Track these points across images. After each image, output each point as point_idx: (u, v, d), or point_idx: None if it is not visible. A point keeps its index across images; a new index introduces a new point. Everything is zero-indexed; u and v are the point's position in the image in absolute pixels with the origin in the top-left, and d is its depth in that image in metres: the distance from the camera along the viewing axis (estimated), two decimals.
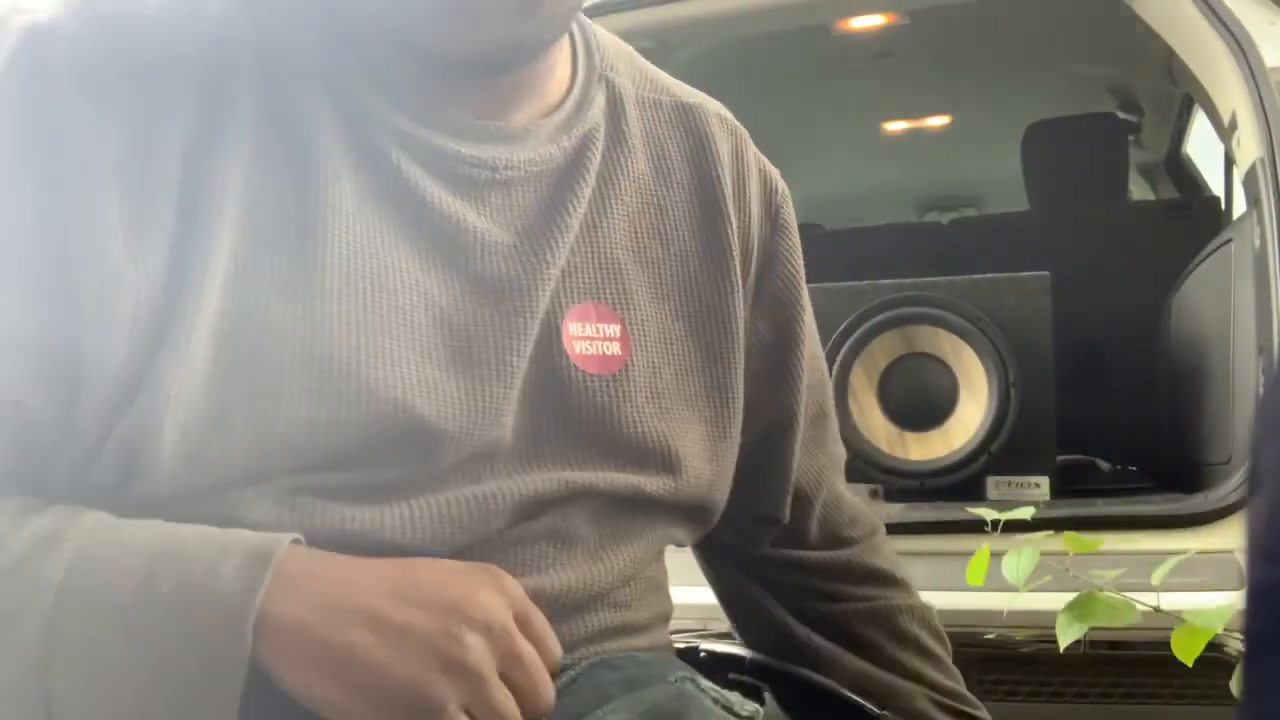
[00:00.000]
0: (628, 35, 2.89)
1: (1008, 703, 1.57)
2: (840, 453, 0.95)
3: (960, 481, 1.96)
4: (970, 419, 2.01)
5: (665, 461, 0.73)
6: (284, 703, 0.57)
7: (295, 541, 0.59)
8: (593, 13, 2.44)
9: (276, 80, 0.63)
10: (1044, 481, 1.95)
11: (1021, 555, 1.09)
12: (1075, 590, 1.38)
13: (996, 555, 1.64)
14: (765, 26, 2.68)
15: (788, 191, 0.89)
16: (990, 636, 1.57)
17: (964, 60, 3.22)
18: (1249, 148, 1.75)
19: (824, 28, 2.84)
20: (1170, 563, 1.09)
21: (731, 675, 0.87)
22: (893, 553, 0.96)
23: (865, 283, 2.11)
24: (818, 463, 0.90)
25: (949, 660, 0.94)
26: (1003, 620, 1.56)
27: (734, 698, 0.73)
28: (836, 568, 0.92)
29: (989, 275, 2.06)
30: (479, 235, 0.67)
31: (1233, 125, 1.87)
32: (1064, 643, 1.06)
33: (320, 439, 0.60)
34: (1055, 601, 1.54)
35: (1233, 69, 1.81)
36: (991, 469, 1.95)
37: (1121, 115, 3.21)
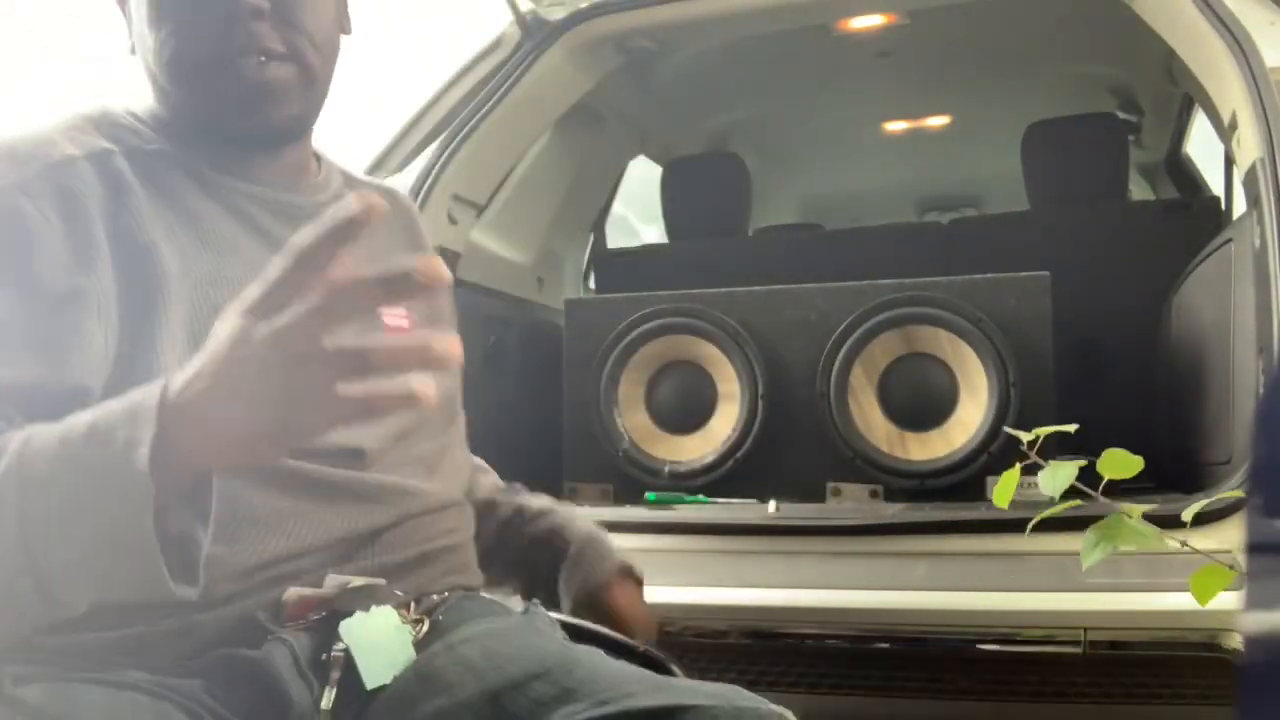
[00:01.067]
0: (628, 35, 2.91)
1: (1008, 703, 1.57)
2: None
3: (960, 481, 1.96)
4: (970, 419, 2.01)
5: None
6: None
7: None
8: (593, 13, 2.45)
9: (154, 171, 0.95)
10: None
11: (1059, 470, 1.07)
12: (1076, 590, 1.39)
13: (996, 556, 1.65)
14: (765, 26, 2.68)
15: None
16: (990, 636, 1.57)
17: (964, 60, 3.23)
18: (1249, 148, 1.75)
19: (824, 28, 2.84)
20: (1200, 504, 1.07)
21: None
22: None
23: (865, 283, 2.11)
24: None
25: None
26: (1002, 620, 1.57)
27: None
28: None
29: (989, 275, 2.06)
30: None
31: (1233, 125, 1.87)
32: (1087, 563, 1.03)
33: None
34: (1056, 602, 1.54)
35: (1233, 69, 1.81)
36: (991, 469, 1.95)
37: (1121, 115, 3.21)
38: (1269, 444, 0.59)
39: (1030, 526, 1.12)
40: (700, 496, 2.08)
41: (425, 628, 0.93)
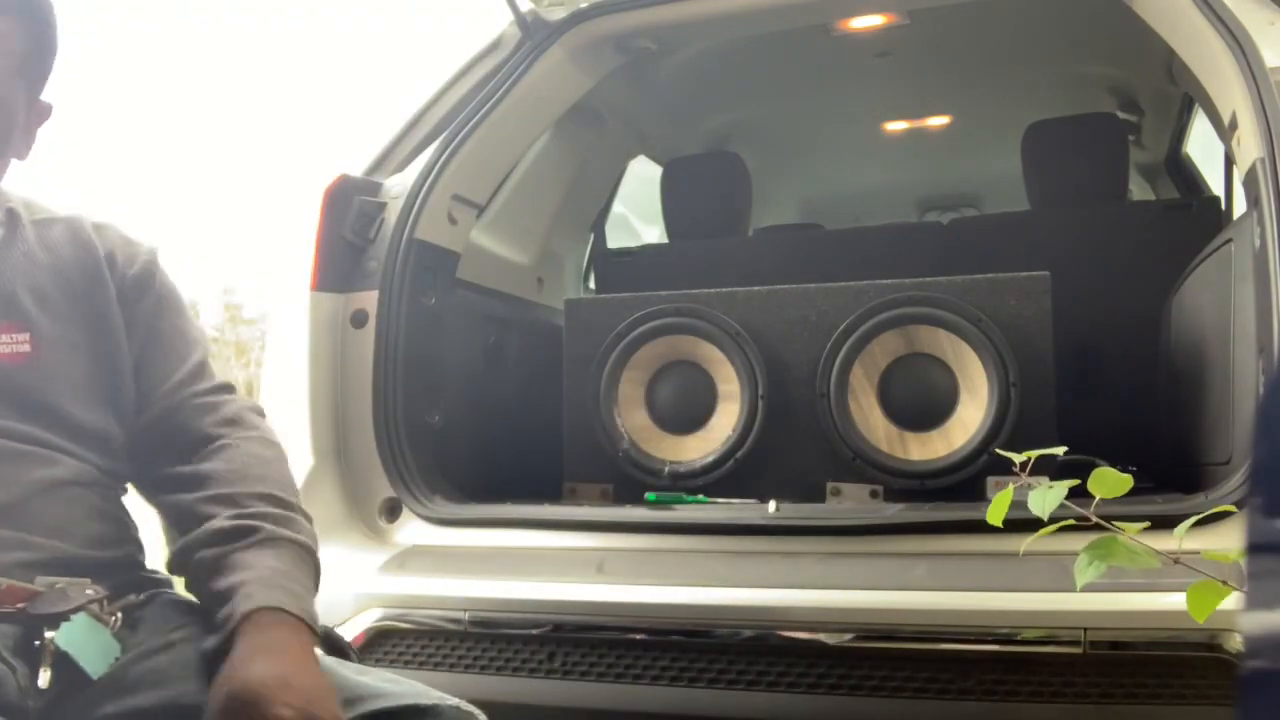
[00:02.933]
0: (628, 35, 2.91)
1: (1008, 703, 1.57)
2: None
3: (960, 481, 1.96)
4: (970, 419, 2.01)
5: (72, 431, 1.11)
6: None
7: None
8: (593, 13, 2.45)
9: None
10: (1044, 481, 1.95)
11: (1047, 493, 1.07)
12: (1075, 590, 1.38)
13: (996, 556, 1.65)
14: (765, 26, 2.68)
15: (156, 265, 1.25)
16: (990, 636, 1.57)
17: (964, 60, 3.23)
18: (1249, 148, 1.75)
19: (824, 28, 2.84)
20: (1190, 521, 1.08)
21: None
22: None
23: (865, 283, 2.11)
24: None
25: None
26: (1002, 620, 1.57)
27: None
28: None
29: (989, 275, 2.06)
30: None
31: (1233, 125, 1.87)
32: (1081, 582, 1.04)
33: None
34: (1056, 602, 1.54)
35: (1233, 69, 1.81)
36: (991, 469, 1.95)
37: (1121, 115, 3.21)
38: (1269, 444, 0.59)
39: (1024, 547, 1.12)
40: (700, 497, 2.08)
41: (118, 621, 1.04)
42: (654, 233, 4.04)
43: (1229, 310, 1.80)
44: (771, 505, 1.89)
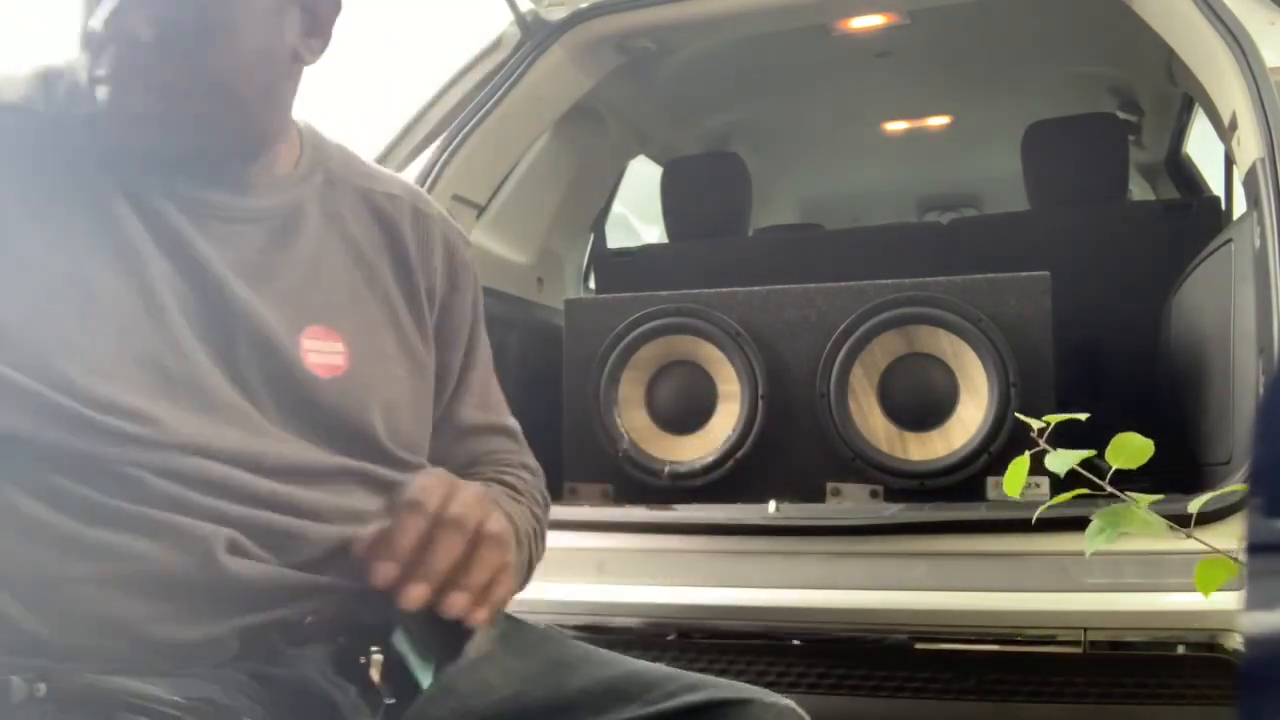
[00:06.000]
0: (628, 35, 2.91)
1: (1008, 703, 1.57)
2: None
3: (960, 481, 1.96)
4: (970, 419, 2.01)
5: (386, 433, 1.00)
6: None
7: None
8: (593, 13, 2.45)
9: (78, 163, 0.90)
10: (1044, 481, 1.95)
11: (1065, 455, 1.07)
12: (1076, 590, 1.39)
13: (996, 556, 1.65)
14: (765, 26, 2.68)
15: (468, 257, 1.14)
16: (991, 636, 1.57)
17: (964, 60, 3.23)
18: (1249, 148, 1.75)
19: (824, 28, 2.84)
20: (1206, 497, 1.08)
21: None
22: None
23: (865, 283, 2.11)
24: None
25: None
26: (1003, 620, 1.57)
27: None
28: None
29: (989, 275, 2.06)
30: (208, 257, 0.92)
31: (1233, 125, 1.87)
32: (1090, 549, 1.04)
33: None
34: (1056, 602, 1.54)
35: (1233, 69, 1.81)
36: (991, 469, 1.95)
37: (1121, 115, 3.21)
38: (1269, 444, 0.59)
39: (1037, 515, 1.12)
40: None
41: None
42: (654, 233, 4.04)
43: (1229, 310, 1.80)
44: (771, 505, 1.89)
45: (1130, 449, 1.05)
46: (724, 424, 2.17)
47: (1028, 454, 1.11)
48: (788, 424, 2.12)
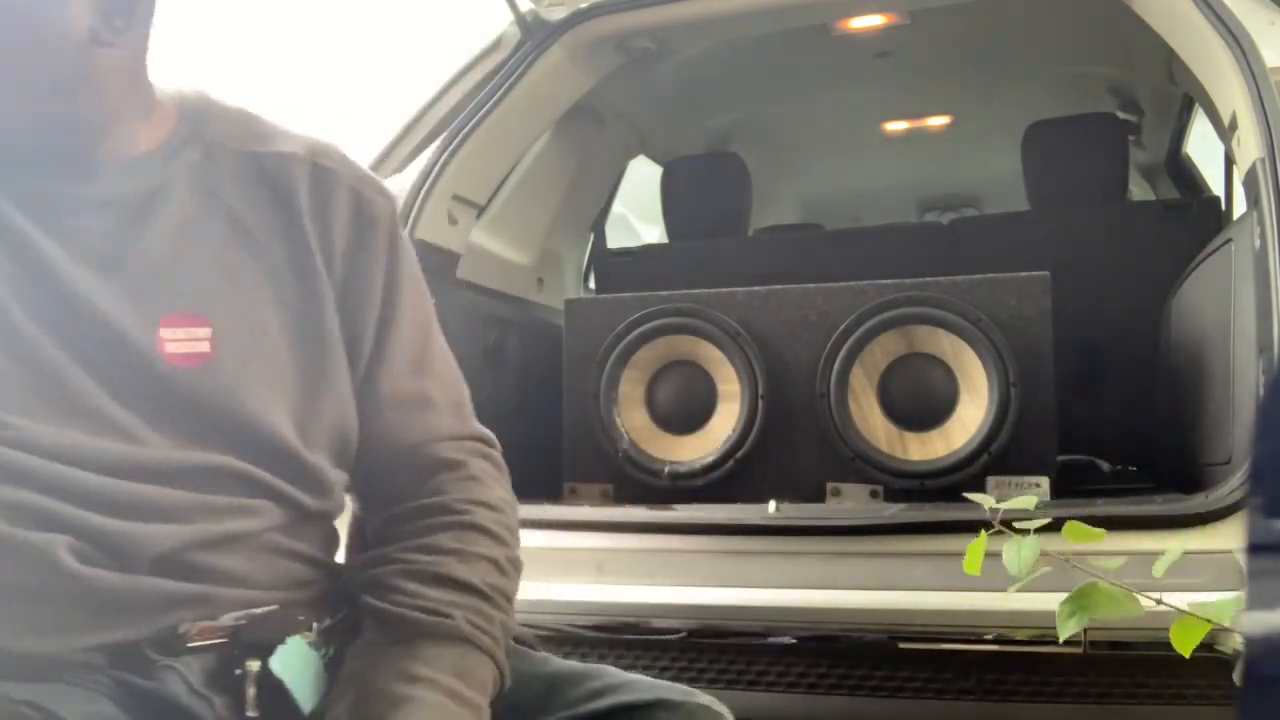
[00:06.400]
0: (628, 35, 2.91)
1: (1008, 703, 1.57)
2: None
3: (960, 481, 1.96)
4: (970, 419, 2.01)
5: (269, 415, 0.92)
6: None
7: None
8: (593, 13, 2.45)
9: None
10: (1044, 481, 1.95)
11: (1022, 546, 1.09)
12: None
13: (998, 556, 1.65)
14: (765, 26, 2.68)
15: (383, 214, 1.01)
16: (990, 636, 1.57)
17: (964, 60, 3.23)
18: (1249, 148, 1.75)
19: (824, 28, 2.84)
20: (1170, 555, 1.09)
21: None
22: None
23: (865, 283, 2.11)
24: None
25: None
26: (1002, 620, 1.57)
27: None
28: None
29: (989, 275, 2.06)
30: (49, 252, 0.87)
31: (1233, 125, 1.87)
32: (1064, 634, 1.06)
33: None
34: (1056, 601, 1.54)
35: (1233, 69, 1.81)
36: (991, 469, 1.95)
37: (1121, 115, 3.21)
38: (1269, 444, 0.59)
39: (1012, 589, 1.13)
40: None
41: (331, 651, 0.92)
42: (654, 233, 4.04)
43: (1229, 310, 1.80)
44: (771, 505, 1.89)
45: (1082, 533, 1.10)
46: (724, 424, 2.17)
47: (984, 535, 1.13)
48: (788, 424, 2.12)
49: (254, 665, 0.86)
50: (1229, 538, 1.51)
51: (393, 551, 0.94)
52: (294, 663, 0.88)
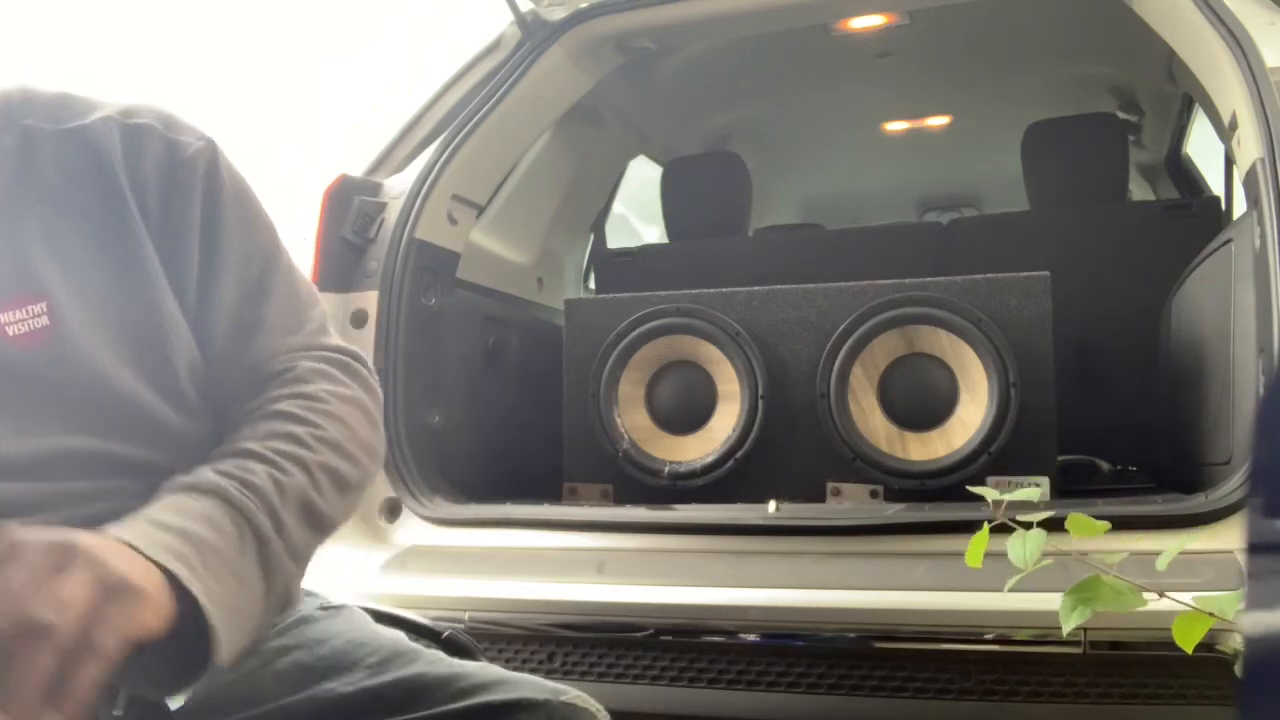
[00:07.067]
0: (628, 35, 2.91)
1: (1008, 703, 1.57)
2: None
3: (960, 481, 1.96)
4: (970, 419, 2.01)
5: (125, 370, 0.91)
6: None
7: None
8: (593, 13, 2.45)
9: None
10: (1044, 481, 1.95)
11: (1028, 539, 1.09)
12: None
13: (999, 555, 1.65)
14: (765, 26, 2.68)
15: (197, 154, 0.99)
16: (990, 636, 1.57)
17: (964, 60, 3.23)
18: (1249, 148, 1.75)
19: (824, 28, 2.84)
20: (1173, 549, 1.09)
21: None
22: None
23: (865, 283, 2.11)
24: None
25: None
26: (1003, 620, 1.57)
27: None
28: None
29: (989, 275, 2.06)
30: None
31: (1233, 125, 1.87)
32: (1067, 628, 1.06)
33: None
34: (1056, 601, 1.54)
35: (1233, 69, 1.81)
36: (991, 469, 1.95)
37: (1121, 115, 3.22)
38: (1269, 444, 0.59)
39: (1009, 585, 1.12)
40: None
41: None
42: (654, 233, 4.04)
43: (1229, 310, 1.80)
44: (771, 505, 1.89)
45: (1085, 526, 1.10)
46: (724, 424, 2.17)
47: (987, 527, 1.13)
48: (788, 424, 2.12)
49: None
50: (1229, 538, 1.51)
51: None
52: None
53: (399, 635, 1.03)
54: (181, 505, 0.81)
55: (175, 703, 0.88)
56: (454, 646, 1.10)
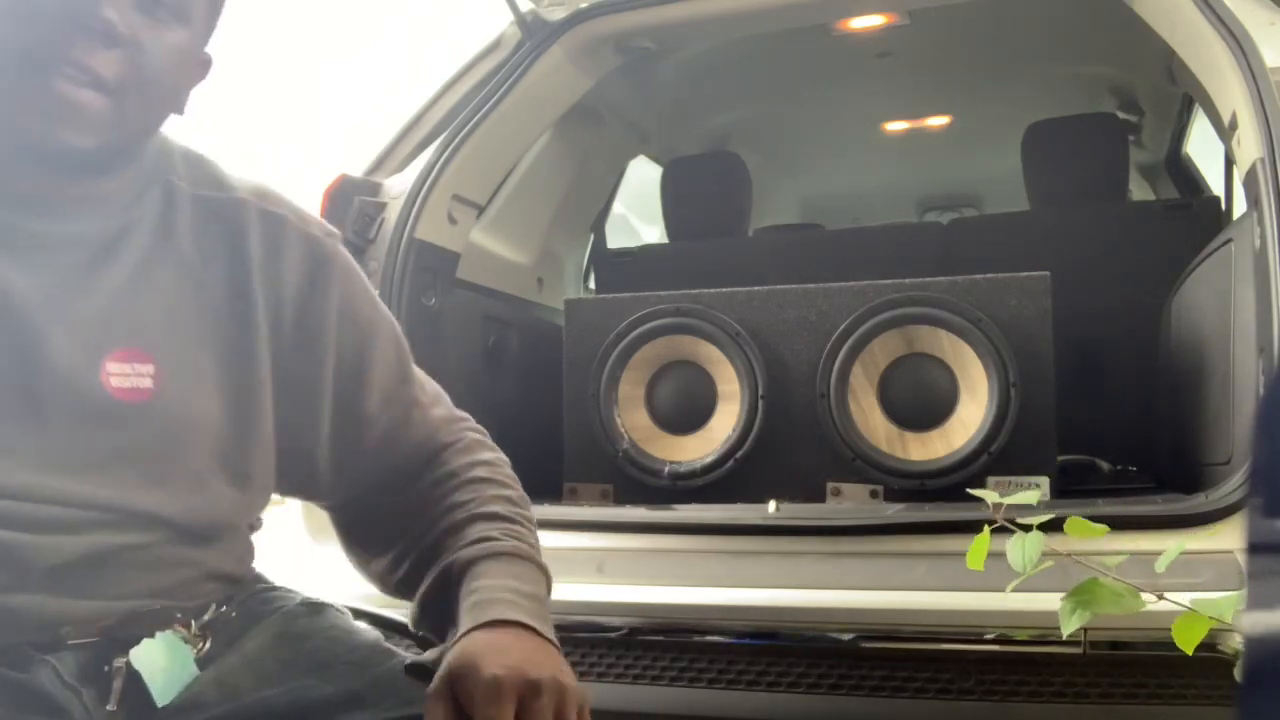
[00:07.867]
0: (628, 35, 2.91)
1: (1008, 703, 1.57)
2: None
3: (960, 482, 1.96)
4: (970, 419, 2.01)
5: (201, 450, 0.96)
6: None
7: None
8: (593, 13, 2.45)
9: None
10: (1044, 481, 1.95)
11: (1027, 541, 1.09)
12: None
13: (999, 555, 1.65)
14: (765, 26, 2.68)
15: (333, 252, 1.06)
16: (990, 636, 1.57)
17: (964, 60, 3.23)
18: (1249, 148, 1.75)
19: (824, 28, 2.84)
20: (1173, 550, 1.09)
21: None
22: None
23: (865, 283, 2.11)
24: None
25: None
26: (1003, 620, 1.57)
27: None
28: None
29: (989, 275, 2.06)
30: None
31: (1233, 125, 1.87)
32: (1067, 630, 1.06)
33: None
34: (1056, 602, 1.54)
35: (1233, 69, 1.81)
36: (991, 469, 1.95)
37: (1121, 115, 3.22)
38: (1269, 444, 0.59)
39: (1010, 588, 1.13)
40: None
41: (206, 645, 0.96)
42: (654, 233, 4.05)
43: (1229, 310, 1.80)
44: (771, 505, 1.89)
45: (1084, 529, 1.11)
46: (724, 424, 2.17)
47: (988, 530, 1.14)
48: (788, 424, 2.12)
49: (122, 661, 0.91)
50: (1229, 538, 1.51)
51: (419, 529, 1.03)
52: (160, 657, 0.92)
53: (378, 634, 1.07)
54: (518, 572, 0.97)
55: (165, 697, 0.91)
56: (430, 645, 1.10)
